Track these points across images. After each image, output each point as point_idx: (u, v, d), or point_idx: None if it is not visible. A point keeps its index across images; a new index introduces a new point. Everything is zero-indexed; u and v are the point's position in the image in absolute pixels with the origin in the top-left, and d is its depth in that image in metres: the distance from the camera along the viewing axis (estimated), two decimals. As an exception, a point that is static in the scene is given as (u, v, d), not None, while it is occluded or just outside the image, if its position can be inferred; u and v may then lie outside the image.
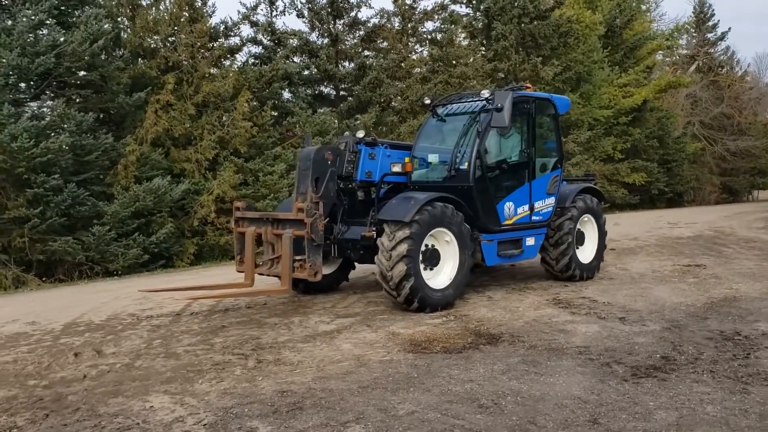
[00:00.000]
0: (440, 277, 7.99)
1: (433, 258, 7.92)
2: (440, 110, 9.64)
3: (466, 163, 8.41)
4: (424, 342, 6.44)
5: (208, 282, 9.75)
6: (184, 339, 6.85)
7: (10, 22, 11.96)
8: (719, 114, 38.98)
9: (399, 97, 19.45)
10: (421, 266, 7.67)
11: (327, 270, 8.67)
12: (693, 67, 40.23)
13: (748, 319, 7.04)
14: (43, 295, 10.38)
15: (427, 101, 9.91)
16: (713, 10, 42.64)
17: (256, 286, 8.19)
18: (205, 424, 4.53)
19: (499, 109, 7.91)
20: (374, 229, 8.04)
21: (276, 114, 17.50)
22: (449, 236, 7.96)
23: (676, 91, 36.44)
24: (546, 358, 5.80)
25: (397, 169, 8.74)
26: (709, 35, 42.86)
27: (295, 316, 7.77)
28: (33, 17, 12.21)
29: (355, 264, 9.35)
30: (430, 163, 9.07)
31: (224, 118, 15.04)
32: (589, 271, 9.86)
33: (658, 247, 13.75)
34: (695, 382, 5.02)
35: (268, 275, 8.23)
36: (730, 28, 41.79)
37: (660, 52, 40.05)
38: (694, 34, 43.08)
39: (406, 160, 8.91)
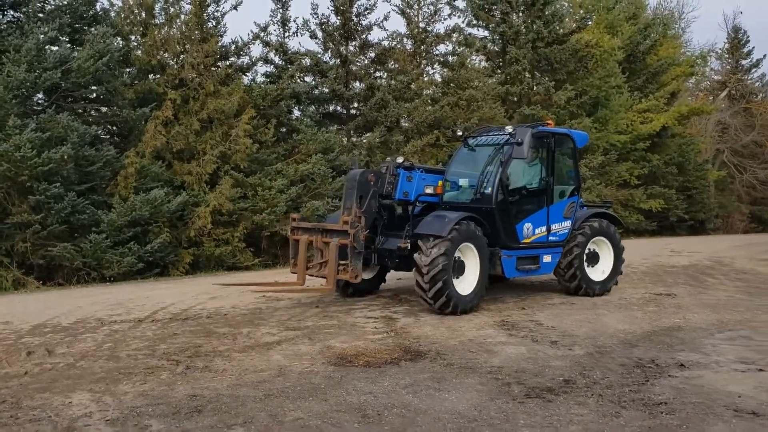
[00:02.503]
0: (465, 284, 9.12)
1: (460, 268, 9.09)
2: (471, 141, 10.79)
3: (490, 188, 9.63)
4: (351, 356, 6.79)
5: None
6: (132, 344, 7.32)
7: (17, 41, 12.68)
8: (751, 142, 38.45)
9: (406, 118, 19.82)
10: (454, 276, 8.87)
11: (368, 275, 10.29)
12: (724, 94, 39.78)
13: (676, 348, 7.21)
14: (34, 298, 11.00)
15: (459, 133, 11.10)
16: (748, 36, 42.26)
17: (307, 285, 9.51)
18: (107, 420, 4.96)
19: (519, 143, 9.16)
20: (408, 241, 9.18)
21: (284, 131, 18.04)
22: (474, 250, 9.13)
23: (705, 117, 36.13)
24: (455, 375, 6.10)
25: (429, 191, 10.04)
26: (744, 62, 42.45)
27: (246, 327, 8.19)
28: (45, 34, 12.99)
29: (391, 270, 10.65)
30: (461, 186, 10.19)
31: (230, 133, 15.61)
32: (599, 288, 10.72)
33: (643, 274, 13.78)
34: (577, 405, 5.26)
35: (316, 276, 9.50)
36: (765, 55, 40.93)
37: (693, 78, 39.82)
38: (729, 59, 42.66)
39: (439, 183, 10.21)
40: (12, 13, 14.21)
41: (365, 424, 4.86)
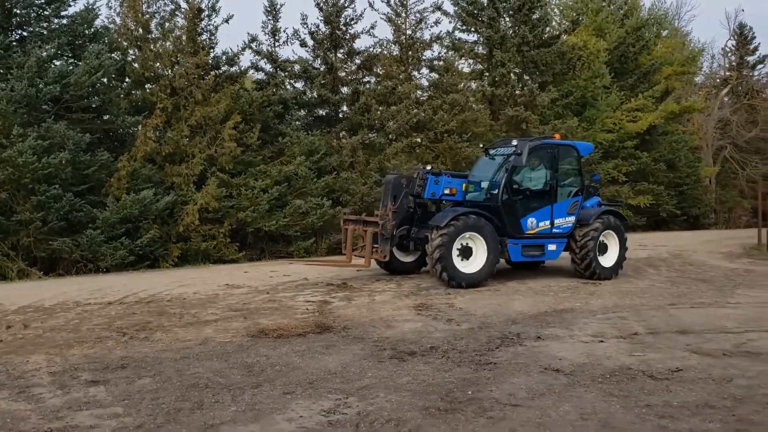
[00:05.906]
0: (473, 265, 11.54)
1: (467, 252, 11.49)
2: (492, 151, 13.34)
3: (496, 189, 12.04)
4: (271, 331, 8.13)
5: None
6: (95, 320, 8.79)
7: (20, 58, 14.28)
8: (755, 137, 38.97)
9: (391, 121, 21.10)
10: (459, 258, 11.33)
11: (409, 258, 13.16)
12: (726, 90, 40.32)
13: (551, 325, 8.41)
14: (31, 285, 12.58)
15: (481, 145, 15.10)
16: (754, 33, 42.70)
17: (353, 263, 12.34)
18: (50, 372, 6.38)
19: (519, 154, 11.73)
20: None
21: (272, 134, 19.45)
22: (480, 238, 11.50)
23: (706, 114, 36.82)
24: (345, 343, 7.42)
25: (446, 191, 12.38)
26: (750, 58, 42.91)
27: (197, 309, 9.61)
28: (47, 52, 14.59)
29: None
30: (483, 187, 12.55)
31: (217, 137, 17.07)
32: (608, 273, 12.80)
33: (591, 266, 14.88)
34: (424, 364, 6.54)
35: (359, 257, 12.28)
36: (770, 51, 41.56)
37: (699, 75, 40.50)
38: (734, 55, 43.10)
39: (464, 186, 12.54)
40: (19, 32, 15.83)
41: (246, 376, 6.21)
